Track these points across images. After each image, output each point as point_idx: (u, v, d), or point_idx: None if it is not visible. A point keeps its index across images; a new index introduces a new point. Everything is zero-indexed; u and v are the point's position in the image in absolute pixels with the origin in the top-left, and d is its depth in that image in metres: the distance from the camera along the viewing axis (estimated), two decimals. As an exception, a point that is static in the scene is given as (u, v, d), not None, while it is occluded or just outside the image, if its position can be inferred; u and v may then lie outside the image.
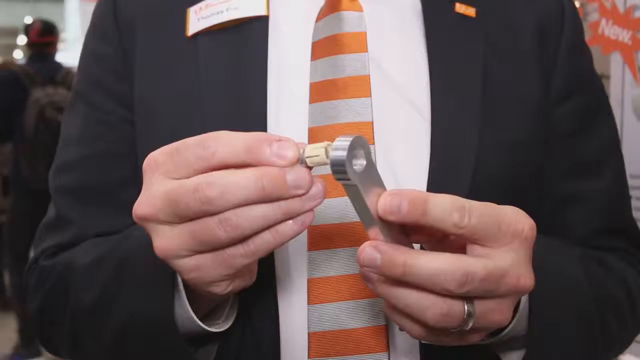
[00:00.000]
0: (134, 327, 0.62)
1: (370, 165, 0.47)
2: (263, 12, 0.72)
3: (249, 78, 0.70)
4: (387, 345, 0.63)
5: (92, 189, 0.75)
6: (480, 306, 0.50)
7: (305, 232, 0.63)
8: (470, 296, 0.49)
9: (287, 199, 0.47)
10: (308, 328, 0.64)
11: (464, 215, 0.47)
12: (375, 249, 0.48)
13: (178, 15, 0.74)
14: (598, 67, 0.84)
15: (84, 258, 0.69)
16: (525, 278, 0.51)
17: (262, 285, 0.65)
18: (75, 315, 0.68)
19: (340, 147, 0.45)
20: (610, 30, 1.60)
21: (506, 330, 0.58)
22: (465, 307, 0.49)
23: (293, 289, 0.66)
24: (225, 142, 0.47)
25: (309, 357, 0.63)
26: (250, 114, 0.68)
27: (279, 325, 0.66)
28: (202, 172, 0.47)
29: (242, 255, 0.49)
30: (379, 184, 0.49)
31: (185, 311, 0.58)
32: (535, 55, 0.75)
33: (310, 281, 0.65)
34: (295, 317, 0.66)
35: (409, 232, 0.52)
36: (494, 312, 0.51)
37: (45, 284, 0.74)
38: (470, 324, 0.50)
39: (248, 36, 0.72)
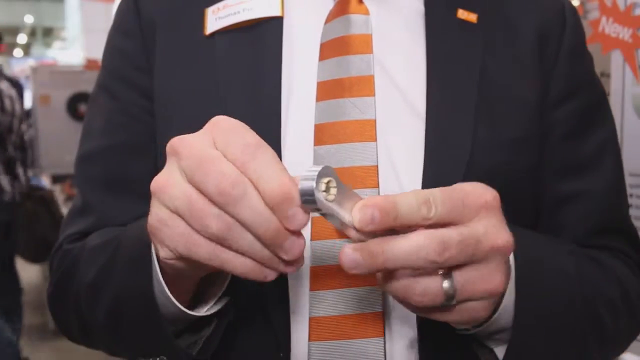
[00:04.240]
0: (122, 303, 0.65)
1: (342, 190, 0.49)
2: (278, 13, 0.75)
3: (264, 76, 0.73)
4: (384, 331, 0.66)
5: (114, 178, 0.78)
6: (461, 276, 0.52)
7: (309, 224, 0.67)
8: (451, 266, 0.51)
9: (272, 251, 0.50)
10: (309, 313, 0.67)
11: (430, 208, 0.50)
12: (352, 249, 0.50)
13: (196, 15, 0.77)
14: (598, 65, 0.84)
15: (94, 241, 0.73)
16: (503, 237, 0.53)
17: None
18: (79, 293, 0.71)
19: (309, 177, 0.46)
20: (611, 28, 1.60)
21: (493, 318, 0.59)
22: (444, 281, 0.51)
23: (298, 277, 0.69)
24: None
25: (309, 340, 0.67)
26: (265, 111, 0.71)
27: (289, 312, 0.69)
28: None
29: (206, 249, 0.51)
30: (356, 200, 0.50)
31: (161, 290, 0.60)
32: (535, 57, 0.77)
33: (312, 269, 0.68)
34: (299, 302, 0.69)
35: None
36: (479, 280, 0.53)
37: (62, 266, 0.77)
38: (456, 298, 0.52)
39: (264, 36, 0.75)
